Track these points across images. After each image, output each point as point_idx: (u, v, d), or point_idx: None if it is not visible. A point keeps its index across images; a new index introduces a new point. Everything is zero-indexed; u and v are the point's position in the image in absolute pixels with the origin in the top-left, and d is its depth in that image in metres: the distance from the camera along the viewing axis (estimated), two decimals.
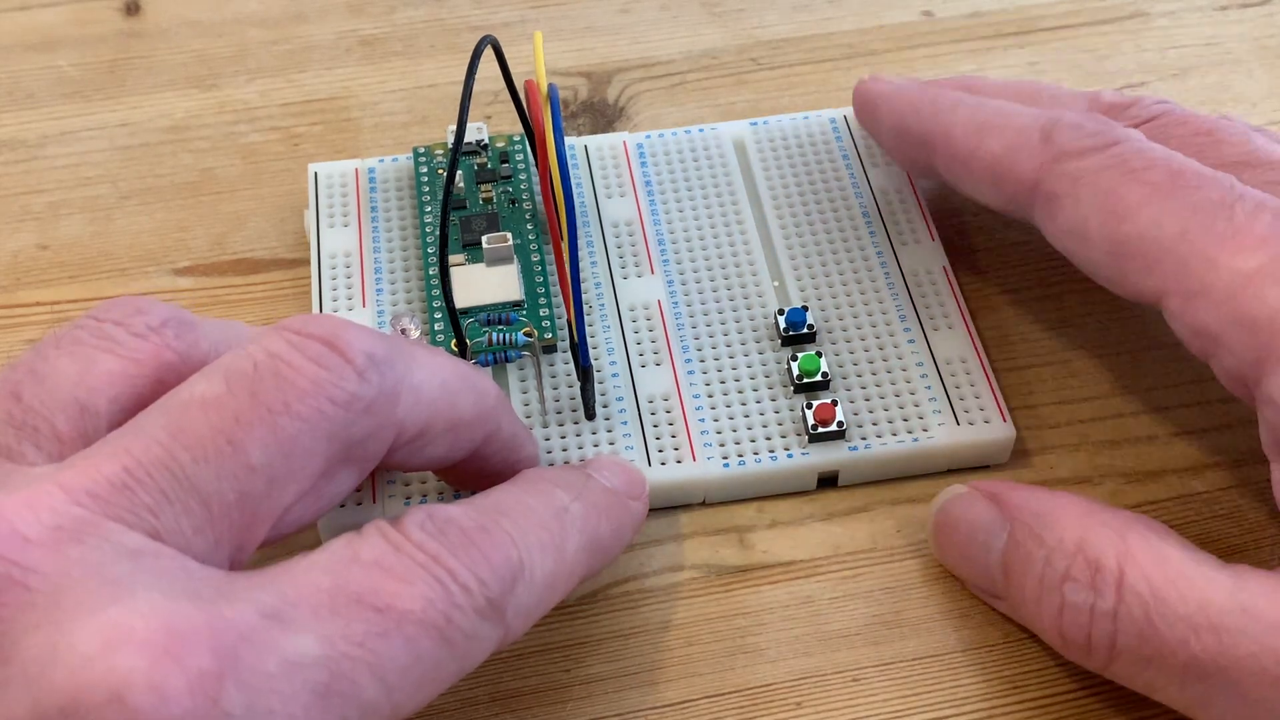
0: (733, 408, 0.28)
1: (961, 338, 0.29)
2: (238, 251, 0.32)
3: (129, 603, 0.17)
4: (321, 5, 0.38)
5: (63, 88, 0.36)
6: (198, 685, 0.16)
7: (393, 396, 0.21)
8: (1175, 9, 0.38)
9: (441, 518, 0.20)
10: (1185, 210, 0.23)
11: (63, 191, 0.34)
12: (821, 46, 0.37)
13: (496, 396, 0.24)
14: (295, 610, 0.18)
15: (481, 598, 0.19)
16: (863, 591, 0.26)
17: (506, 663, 0.25)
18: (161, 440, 0.19)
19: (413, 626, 0.18)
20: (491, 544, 0.20)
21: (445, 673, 0.19)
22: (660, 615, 0.26)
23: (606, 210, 0.32)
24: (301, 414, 0.19)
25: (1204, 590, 0.21)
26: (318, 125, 0.35)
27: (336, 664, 0.18)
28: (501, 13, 0.38)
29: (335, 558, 0.19)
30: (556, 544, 0.21)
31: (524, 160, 0.32)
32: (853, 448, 0.27)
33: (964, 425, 0.27)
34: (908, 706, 0.25)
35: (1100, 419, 0.29)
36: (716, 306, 0.30)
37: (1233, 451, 0.28)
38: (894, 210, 0.31)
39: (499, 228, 0.30)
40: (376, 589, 0.18)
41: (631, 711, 0.25)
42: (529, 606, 0.21)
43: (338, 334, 0.20)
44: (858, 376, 0.28)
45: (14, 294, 0.31)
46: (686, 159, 0.33)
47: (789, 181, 0.32)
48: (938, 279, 0.30)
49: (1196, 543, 0.27)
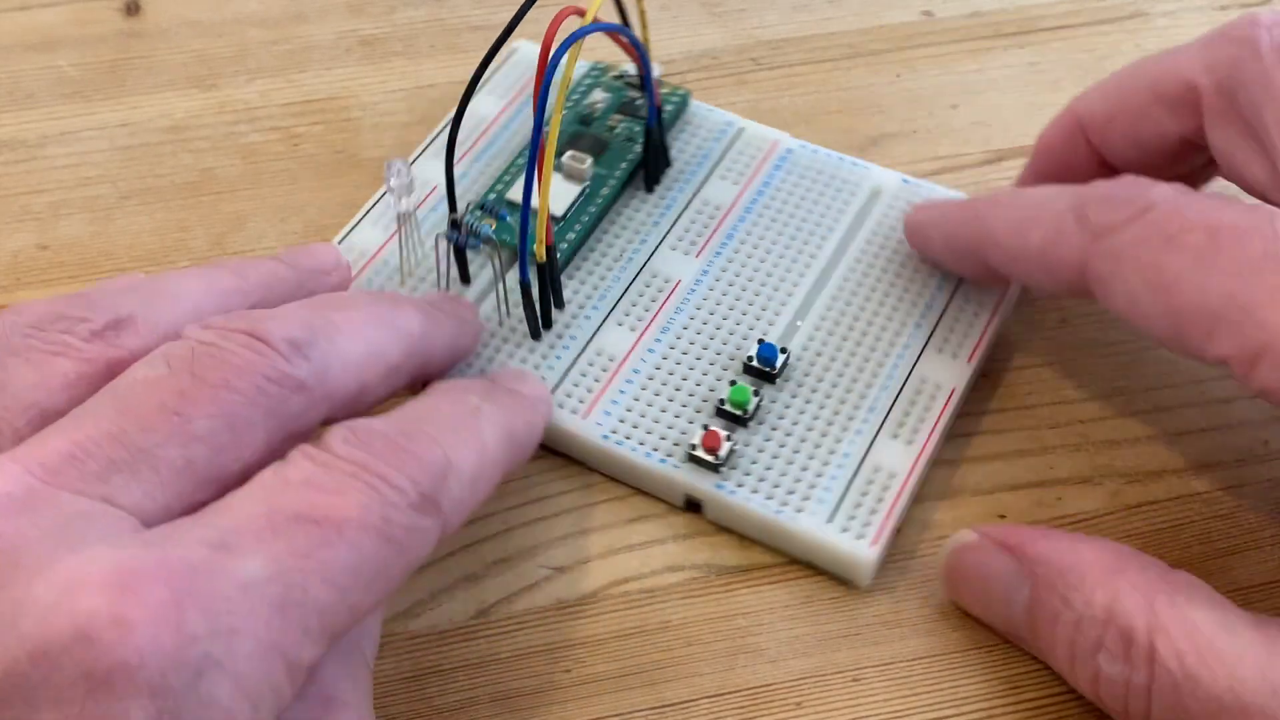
0: (655, 397, 0.28)
1: (907, 457, 0.27)
2: (238, 251, 0.32)
3: (83, 553, 0.18)
4: (321, 5, 0.38)
5: (63, 88, 0.36)
6: (159, 614, 0.17)
7: (322, 373, 0.22)
8: (1175, 9, 0.38)
9: (363, 429, 0.21)
10: (1229, 273, 0.22)
11: (63, 191, 0.34)
12: (821, 46, 0.37)
13: (421, 323, 0.25)
14: (238, 538, 0.18)
15: (415, 494, 0.20)
16: (863, 591, 0.26)
17: (506, 663, 0.25)
18: (109, 416, 0.20)
19: (353, 531, 0.19)
20: (416, 446, 0.21)
21: (394, 569, 0.20)
22: (660, 615, 0.26)
23: (709, 187, 0.32)
24: (240, 388, 0.21)
25: (1235, 667, 0.21)
26: (318, 125, 0.35)
27: (287, 578, 0.18)
28: (501, 13, 0.38)
29: (265, 486, 0.20)
30: (476, 439, 0.22)
31: (667, 114, 0.33)
32: (720, 485, 0.26)
33: (834, 526, 0.26)
34: (908, 706, 0.25)
35: (1100, 419, 0.29)
36: (723, 315, 0.29)
37: (1233, 451, 0.28)
38: (958, 320, 0.29)
39: (600, 154, 0.31)
40: (312, 504, 0.19)
41: (631, 711, 0.25)
42: (461, 498, 0.21)
43: (257, 326, 0.21)
44: (783, 434, 0.27)
45: (14, 294, 0.31)
46: (818, 180, 0.32)
47: (886, 245, 0.30)
48: (936, 397, 0.28)
49: (1196, 543, 0.27)
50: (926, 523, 0.27)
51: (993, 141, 0.34)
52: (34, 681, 0.17)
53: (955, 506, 0.27)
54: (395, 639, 0.26)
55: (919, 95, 0.36)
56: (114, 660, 0.17)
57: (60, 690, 0.17)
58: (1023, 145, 0.34)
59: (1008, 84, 0.36)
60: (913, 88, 0.36)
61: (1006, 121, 0.35)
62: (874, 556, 0.26)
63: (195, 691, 0.17)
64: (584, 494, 0.28)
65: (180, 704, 0.17)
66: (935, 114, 0.35)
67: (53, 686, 0.17)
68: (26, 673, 0.17)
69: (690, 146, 0.33)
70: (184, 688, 0.17)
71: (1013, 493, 0.28)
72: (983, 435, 0.29)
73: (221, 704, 0.17)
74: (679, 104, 0.33)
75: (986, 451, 0.28)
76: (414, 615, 0.26)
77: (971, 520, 0.27)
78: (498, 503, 0.27)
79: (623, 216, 0.31)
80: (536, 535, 0.27)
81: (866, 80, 0.36)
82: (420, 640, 0.26)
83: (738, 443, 0.27)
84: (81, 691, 0.17)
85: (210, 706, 0.17)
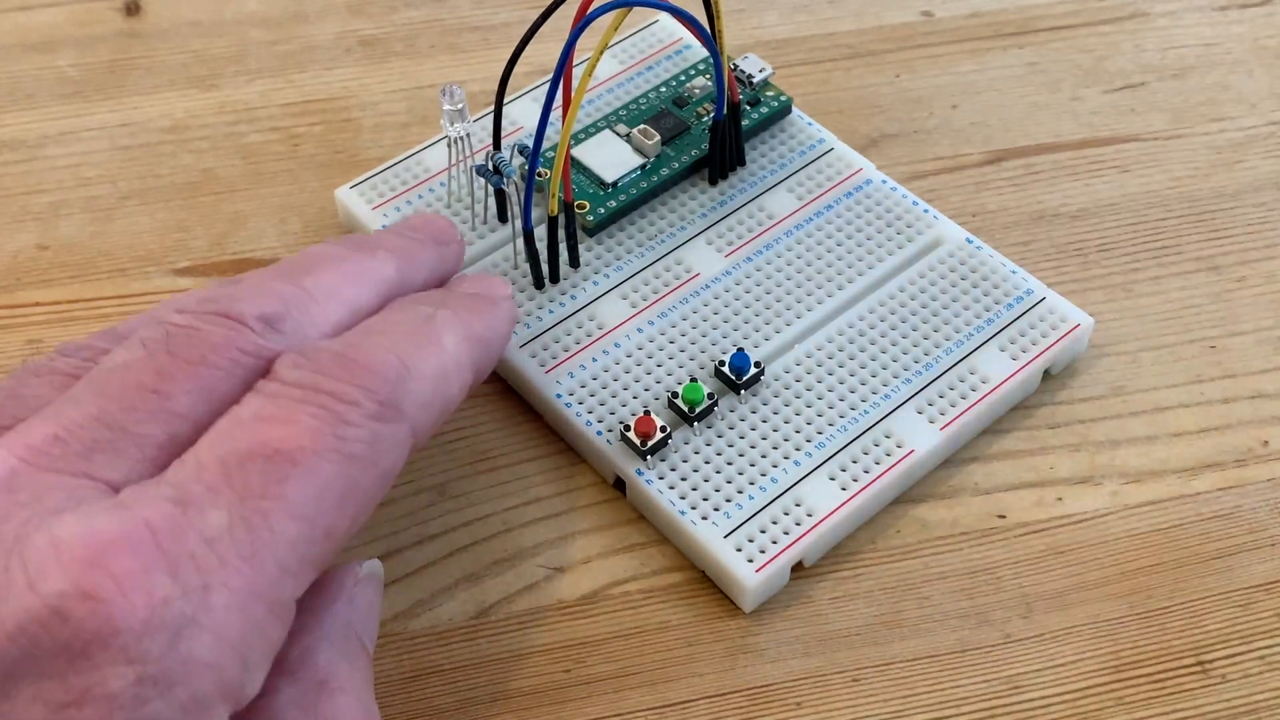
0: (623, 374, 0.28)
1: (833, 499, 0.26)
2: (238, 251, 0.32)
3: (56, 528, 0.18)
4: (321, 5, 0.38)
5: (63, 88, 0.36)
6: (127, 583, 0.17)
7: (297, 343, 0.21)
8: (1175, 9, 0.38)
9: (311, 350, 0.21)
10: None
11: (63, 191, 0.34)
12: (821, 46, 0.37)
13: (396, 266, 0.24)
14: (195, 489, 0.18)
15: (371, 404, 0.20)
16: (863, 591, 0.26)
17: (506, 663, 0.25)
18: (91, 399, 0.20)
19: (308, 459, 0.19)
20: (366, 356, 0.21)
21: (363, 484, 0.20)
22: (660, 615, 0.26)
23: (773, 195, 0.32)
24: (217, 363, 0.20)
25: None
26: (318, 125, 0.35)
27: (250, 520, 0.18)
28: (502, 13, 0.38)
29: (218, 431, 0.20)
30: (433, 341, 0.22)
31: (757, 115, 0.33)
32: (640, 471, 0.27)
33: (729, 543, 0.26)
34: (908, 706, 0.25)
35: (1101, 419, 0.29)
36: (724, 318, 0.29)
37: (1233, 451, 0.28)
38: (952, 388, 0.28)
39: (675, 137, 0.32)
40: (263, 440, 0.19)
41: (631, 711, 0.25)
42: (426, 400, 0.21)
43: (230, 306, 0.21)
44: (725, 443, 0.27)
45: (14, 294, 0.31)
46: (883, 216, 0.31)
47: (918, 297, 0.29)
48: (892, 454, 0.27)
49: (1196, 543, 0.27)
50: (926, 523, 0.27)
51: (993, 141, 0.34)
52: (14, 657, 0.17)
53: (955, 506, 0.27)
54: (395, 639, 0.26)
55: (919, 95, 0.36)
56: (89, 633, 0.17)
57: (40, 665, 0.17)
58: (1023, 145, 0.34)
59: (1008, 84, 0.36)
60: (913, 88, 0.36)
61: (1006, 121, 0.35)
62: (756, 582, 0.25)
63: (175, 652, 0.17)
64: (583, 494, 0.28)
65: (161, 666, 0.17)
66: (935, 114, 0.35)
67: (33, 661, 0.17)
68: (6, 650, 0.17)
69: (774, 152, 0.32)
70: (162, 650, 0.17)
71: (1013, 492, 0.28)
72: (982, 435, 0.29)
73: (204, 659, 0.18)
74: (777, 109, 0.33)
75: (986, 451, 0.28)
76: (414, 615, 0.26)
77: (971, 520, 0.27)
78: (498, 503, 0.27)
79: (676, 200, 0.31)
80: (536, 535, 0.27)
81: (866, 80, 0.36)
82: (420, 640, 0.26)
83: (675, 437, 0.27)
84: (61, 665, 0.17)
85: (192, 663, 0.17)
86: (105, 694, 0.17)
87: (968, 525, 0.27)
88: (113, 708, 0.17)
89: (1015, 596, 0.26)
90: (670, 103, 0.33)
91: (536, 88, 0.34)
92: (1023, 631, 0.26)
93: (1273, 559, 0.27)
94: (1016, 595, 0.26)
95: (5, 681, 0.17)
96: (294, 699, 0.20)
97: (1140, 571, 0.27)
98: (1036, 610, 0.26)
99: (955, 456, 0.28)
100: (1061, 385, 0.29)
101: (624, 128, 0.32)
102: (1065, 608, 0.26)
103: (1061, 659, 0.25)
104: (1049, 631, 0.26)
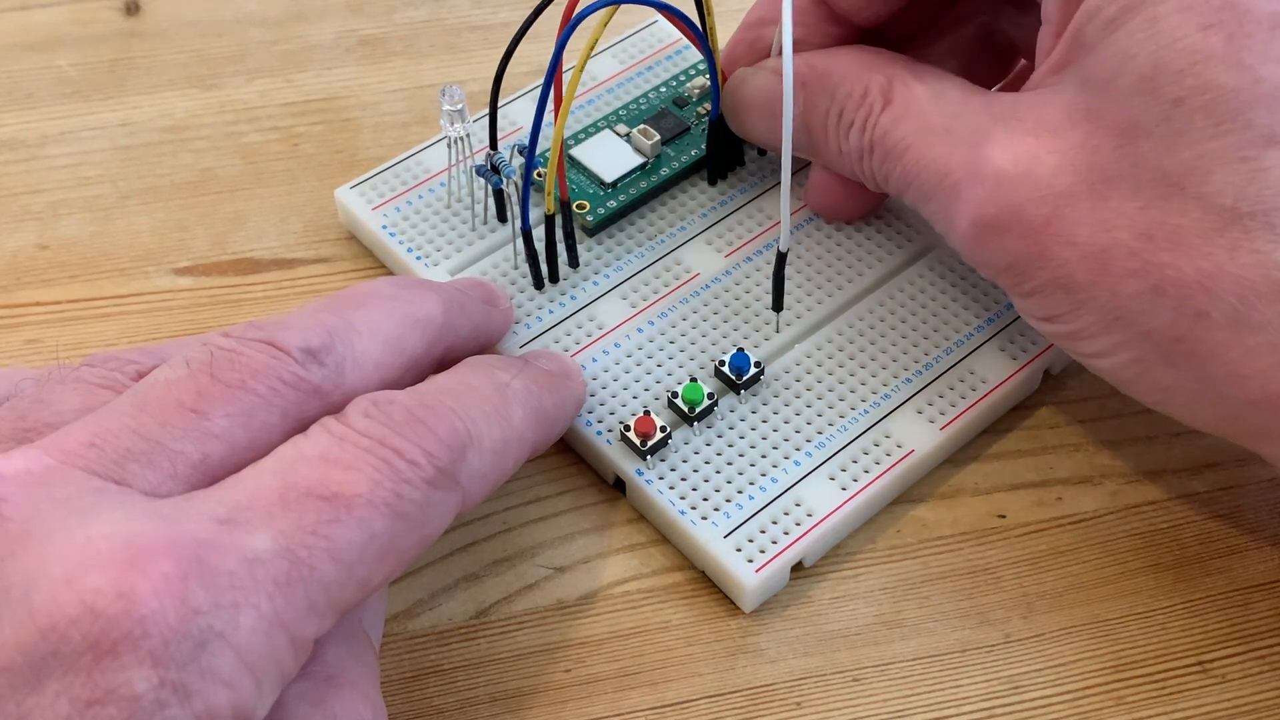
0: (623, 374, 0.28)
1: (833, 499, 0.26)
2: (238, 251, 0.32)
3: (94, 526, 0.18)
4: (321, 5, 0.38)
5: (63, 88, 0.36)
6: (163, 588, 0.17)
7: (338, 376, 0.22)
8: None
9: (384, 401, 0.21)
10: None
11: (63, 191, 0.34)
12: None
13: (443, 310, 0.25)
14: (248, 513, 0.19)
15: (430, 468, 0.20)
16: (863, 591, 0.26)
17: (506, 663, 0.25)
18: (129, 411, 0.20)
19: (362, 508, 0.20)
20: (436, 419, 0.21)
21: (406, 543, 0.20)
22: (660, 615, 0.26)
23: (772, 196, 0.31)
24: (257, 390, 0.21)
25: (941, 135, 0.25)
26: (318, 125, 0.35)
27: (293, 554, 0.19)
28: (502, 13, 0.38)
29: (282, 460, 0.20)
30: (501, 413, 0.23)
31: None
32: (640, 471, 0.27)
33: (729, 543, 0.26)
34: (908, 706, 0.25)
35: (1100, 419, 0.29)
36: (724, 317, 0.29)
37: (1233, 451, 0.28)
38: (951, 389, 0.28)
39: (674, 137, 0.32)
40: (323, 480, 0.19)
41: (631, 711, 0.25)
42: (482, 471, 0.22)
43: (274, 335, 0.22)
44: (725, 443, 0.27)
45: (14, 294, 0.31)
46: (882, 214, 0.31)
47: (916, 299, 0.29)
48: (892, 454, 0.27)
49: (1196, 543, 0.27)
50: (926, 523, 0.27)
51: None
52: (43, 652, 0.17)
53: (955, 506, 0.27)
54: (395, 639, 0.26)
55: None
56: (119, 631, 0.17)
57: (68, 661, 0.17)
58: None
59: None
60: None
61: None
62: (756, 582, 0.25)
63: (197, 662, 0.17)
64: (583, 494, 0.28)
65: (183, 673, 0.17)
66: None
67: (61, 657, 0.17)
68: (36, 644, 0.17)
69: (773, 152, 0.32)
70: (186, 658, 0.17)
71: (1013, 493, 0.28)
72: (982, 435, 0.29)
73: (223, 675, 0.18)
74: None
75: (986, 451, 0.28)
76: (414, 615, 0.26)
77: (971, 520, 0.27)
78: (498, 503, 0.27)
79: (676, 200, 0.31)
80: (536, 535, 0.27)
81: None
82: (420, 640, 0.26)
83: (675, 437, 0.27)
84: (88, 661, 0.17)
85: (212, 676, 0.18)
86: (129, 695, 0.17)
87: (968, 525, 0.27)
88: (134, 709, 0.17)
89: (1015, 596, 0.26)
90: (670, 103, 0.33)
91: (536, 87, 0.34)
92: (1023, 631, 0.26)
93: (1272, 559, 0.27)
94: (1016, 595, 0.26)
95: (34, 675, 0.17)
96: (302, 694, 0.20)
97: (1140, 571, 0.27)
98: (1036, 610, 0.26)
99: (955, 456, 0.28)
100: (1061, 385, 0.29)
101: (624, 128, 0.32)
102: (1065, 608, 0.26)
103: (1061, 659, 0.25)
104: (1049, 631, 0.26)
